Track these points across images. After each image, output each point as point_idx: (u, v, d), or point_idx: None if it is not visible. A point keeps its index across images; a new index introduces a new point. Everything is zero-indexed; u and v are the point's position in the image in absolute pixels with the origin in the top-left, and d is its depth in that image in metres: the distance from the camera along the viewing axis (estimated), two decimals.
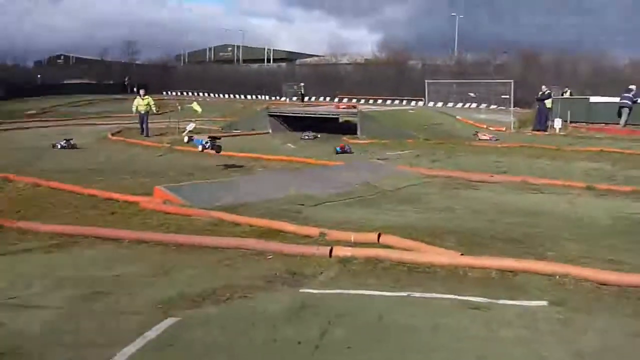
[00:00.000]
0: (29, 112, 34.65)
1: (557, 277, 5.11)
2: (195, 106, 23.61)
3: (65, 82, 62.96)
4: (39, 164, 14.40)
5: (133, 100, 23.18)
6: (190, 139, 14.98)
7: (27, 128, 25.88)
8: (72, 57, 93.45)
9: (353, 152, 16.47)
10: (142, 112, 22.21)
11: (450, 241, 6.46)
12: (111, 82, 63.88)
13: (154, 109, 22.61)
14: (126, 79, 62.61)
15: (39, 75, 65.31)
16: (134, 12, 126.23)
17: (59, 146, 17.90)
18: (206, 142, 14.50)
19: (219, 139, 14.93)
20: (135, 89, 59.65)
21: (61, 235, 6.95)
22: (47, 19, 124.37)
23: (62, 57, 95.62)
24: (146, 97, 22.81)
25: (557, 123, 22.18)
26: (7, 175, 11.23)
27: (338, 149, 16.64)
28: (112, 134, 21.19)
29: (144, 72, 71.55)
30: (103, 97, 50.28)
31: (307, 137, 20.52)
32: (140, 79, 64.77)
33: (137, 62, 79.11)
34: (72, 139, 18.46)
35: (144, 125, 22.18)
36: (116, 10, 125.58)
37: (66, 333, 4.12)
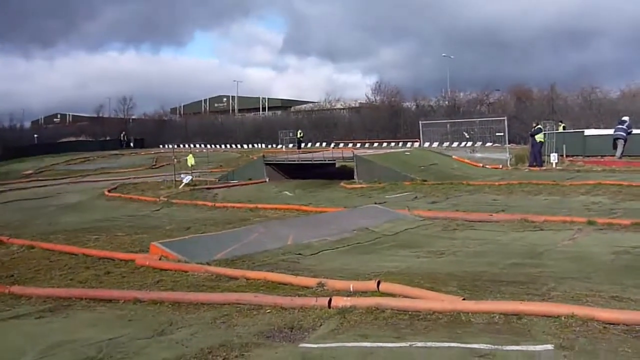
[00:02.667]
0: (25, 172, 34.77)
1: (563, 318, 4.96)
2: (190, 159, 23.81)
3: (61, 140, 63.52)
4: (34, 224, 14.34)
5: None
6: None
7: (24, 188, 25.84)
8: (69, 115, 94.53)
9: None
10: None
11: (452, 285, 6.32)
12: (107, 138, 64.37)
13: None
14: (122, 135, 63.08)
15: (35, 135, 65.93)
16: (129, 67, 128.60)
17: None
18: None
19: None
20: (131, 144, 60.33)
21: (55, 299, 6.81)
22: (43, 78, 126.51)
23: (58, 115, 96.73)
24: None
25: (553, 157, 22.23)
26: (0, 238, 11.15)
27: None
28: (109, 191, 21.12)
29: (140, 126, 72.32)
30: (99, 153, 50.55)
31: None
32: (137, 134, 65.51)
33: (133, 116, 79.91)
34: None
35: None
36: (110, 66, 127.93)
37: None
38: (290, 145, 46.13)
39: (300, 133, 46.33)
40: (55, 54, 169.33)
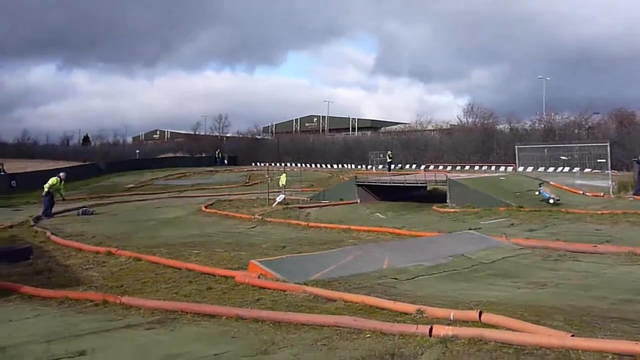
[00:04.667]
0: (127, 186, 36.64)
1: None
2: (283, 178, 24.32)
3: (160, 156, 66.56)
4: (137, 236, 15.05)
5: None
6: None
7: (127, 202, 27.20)
8: (167, 132, 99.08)
9: None
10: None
11: (558, 320, 6.08)
12: (203, 154, 66.76)
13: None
14: (217, 152, 65.18)
15: (137, 151, 69.48)
16: (224, 86, 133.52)
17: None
18: None
19: None
20: (225, 161, 62.29)
21: (162, 311, 7.11)
22: (144, 97, 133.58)
23: (157, 132, 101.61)
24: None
25: None
26: (110, 250, 11.83)
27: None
28: (205, 207, 21.87)
29: (233, 144, 74.59)
30: (195, 169, 52.46)
31: None
32: (230, 151, 67.59)
33: (228, 134, 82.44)
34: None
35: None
36: (207, 85, 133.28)
37: None
38: (380, 167, 46.11)
39: (389, 154, 46.22)
40: (155, 74, 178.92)
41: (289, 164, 55.68)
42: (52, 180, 21.16)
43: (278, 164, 53.85)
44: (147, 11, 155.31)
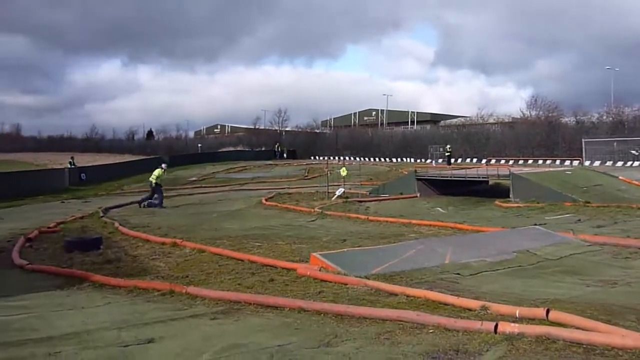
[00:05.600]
0: (190, 179, 37.44)
1: None
2: (343, 171, 24.37)
3: (221, 150, 67.81)
4: (201, 228, 15.37)
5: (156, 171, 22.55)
6: None
7: (190, 194, 27.81)
8: (228, 126, 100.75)
9: None
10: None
11: (630, 320, 5.86)
12: (262, 148, 67.57)
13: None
14: (276, 146, 65.82)
15: (199, 145, 70.97)
16: (284, 80, 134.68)
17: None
18: None
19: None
20: (285, 155, 62.90)
21: (226, 302, 7.24)
22: (205, 91, 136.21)
23: (218, 126, 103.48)
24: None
25: None
26: (175, 241, 12.14)
27: None
28: (266, 200, 22.13)
29: (292, 137, 75.15)
30: (255, 163, 53.13)
31: None
32: (290, 145, 68.16)
33: (287, 128, 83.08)
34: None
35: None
36: (267, 80, 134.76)
37: None
38: (440, 161, 45.55)
39: (448, 148, 45.58)
40: (216, 69, 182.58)
41: (347, 158, 55.68)
42: (157, 171, 22.35)
43: (336, 158, 53.89)
44: (208, 6, 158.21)
